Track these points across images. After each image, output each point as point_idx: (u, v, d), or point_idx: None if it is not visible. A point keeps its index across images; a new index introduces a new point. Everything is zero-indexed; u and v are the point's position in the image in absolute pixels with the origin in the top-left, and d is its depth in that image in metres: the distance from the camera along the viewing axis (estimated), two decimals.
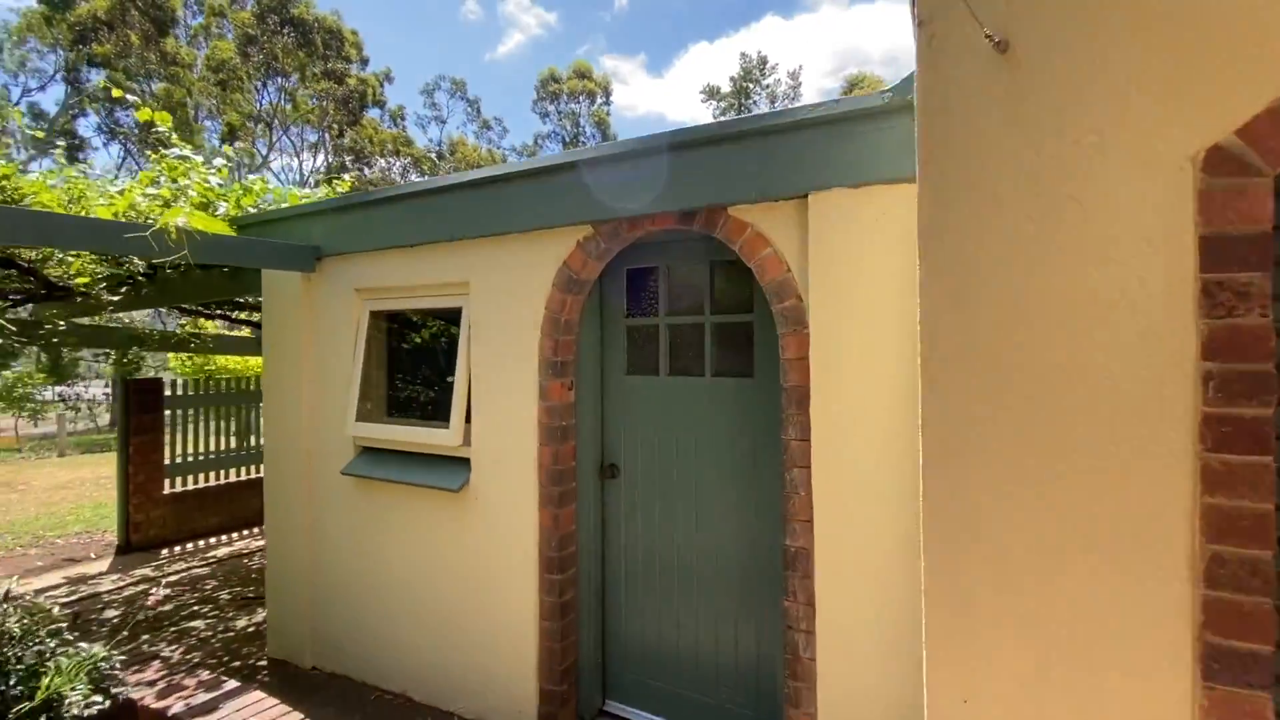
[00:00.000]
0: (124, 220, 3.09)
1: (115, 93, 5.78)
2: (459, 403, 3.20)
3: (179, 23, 23.68)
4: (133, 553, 6.24)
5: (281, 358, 3.88)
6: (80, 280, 3.23)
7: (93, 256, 3.65)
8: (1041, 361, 1.39)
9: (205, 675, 2.81)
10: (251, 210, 4.11)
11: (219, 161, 4.34)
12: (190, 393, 6.98)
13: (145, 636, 4.28)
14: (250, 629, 4.38)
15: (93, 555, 6.18)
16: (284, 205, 4.24)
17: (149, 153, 4.12)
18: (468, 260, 3.18)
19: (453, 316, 3.36)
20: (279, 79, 26.33)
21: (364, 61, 28.56)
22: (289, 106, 26.96)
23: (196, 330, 6.65)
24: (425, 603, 3.32)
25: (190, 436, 6.90)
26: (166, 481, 6.66)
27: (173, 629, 4.42)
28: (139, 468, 6.41)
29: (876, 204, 2.17)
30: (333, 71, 26.83)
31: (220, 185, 4.22)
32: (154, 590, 4.27)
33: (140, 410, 6.45)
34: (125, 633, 4.29)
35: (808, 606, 2.32)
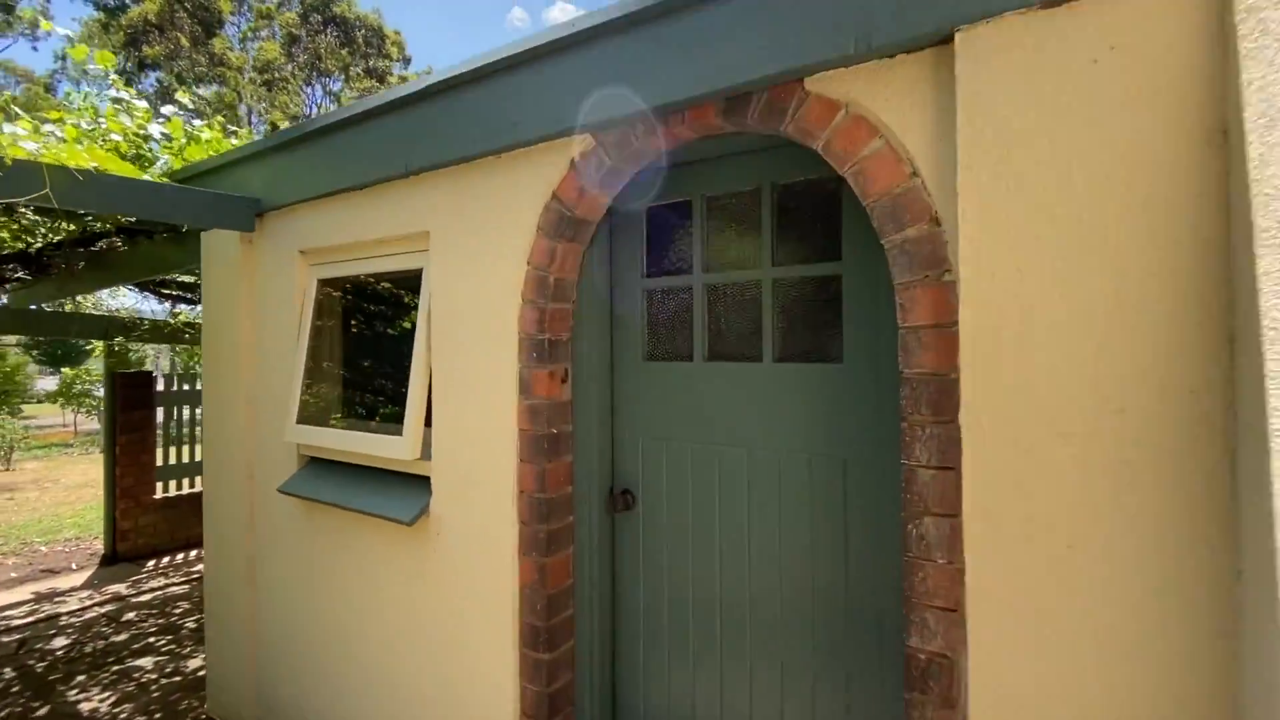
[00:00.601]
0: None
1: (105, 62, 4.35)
2: (416, 401, 2.32)
3: (225, 24, 23.97)
4: (118, 563, 5.66)
5: (219, 343, 3.10)
6: None
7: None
8: None
9: None
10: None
11: (169, 109, 3.61)
12: (184, 387, 6.38)
13: (80, 678, 3.58)
14: (203, 671, 3.63)
15: (74, 566, 5.63)
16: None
17: (70, 91, 3.37)
18: (427, 201, 2.29)
19: (418, 284, 2.48)
20: (323, 79, 26.46)
21: (405, 60, 28.47)
22: (334, 107, 27.08)
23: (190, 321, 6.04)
24: (380, 671, 2.45)
25: (185, 435, 6.32)
26: (159, 485, 6.10)
27: (116, 667, 3.71)
28: (126, 470, 5.83)
29: (1094, 36, 1.15)
30: (374, 69, 26.82)
31: (165, 136, 3.48)
32: None
33: (128, 407, 5.86)
34: (59, 671, 3.61)
35: None
